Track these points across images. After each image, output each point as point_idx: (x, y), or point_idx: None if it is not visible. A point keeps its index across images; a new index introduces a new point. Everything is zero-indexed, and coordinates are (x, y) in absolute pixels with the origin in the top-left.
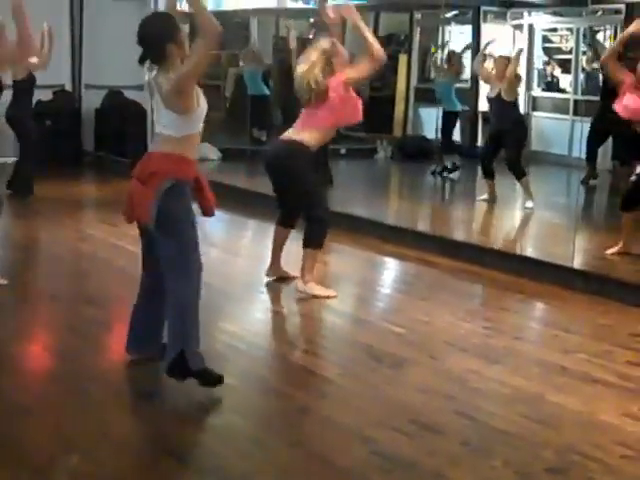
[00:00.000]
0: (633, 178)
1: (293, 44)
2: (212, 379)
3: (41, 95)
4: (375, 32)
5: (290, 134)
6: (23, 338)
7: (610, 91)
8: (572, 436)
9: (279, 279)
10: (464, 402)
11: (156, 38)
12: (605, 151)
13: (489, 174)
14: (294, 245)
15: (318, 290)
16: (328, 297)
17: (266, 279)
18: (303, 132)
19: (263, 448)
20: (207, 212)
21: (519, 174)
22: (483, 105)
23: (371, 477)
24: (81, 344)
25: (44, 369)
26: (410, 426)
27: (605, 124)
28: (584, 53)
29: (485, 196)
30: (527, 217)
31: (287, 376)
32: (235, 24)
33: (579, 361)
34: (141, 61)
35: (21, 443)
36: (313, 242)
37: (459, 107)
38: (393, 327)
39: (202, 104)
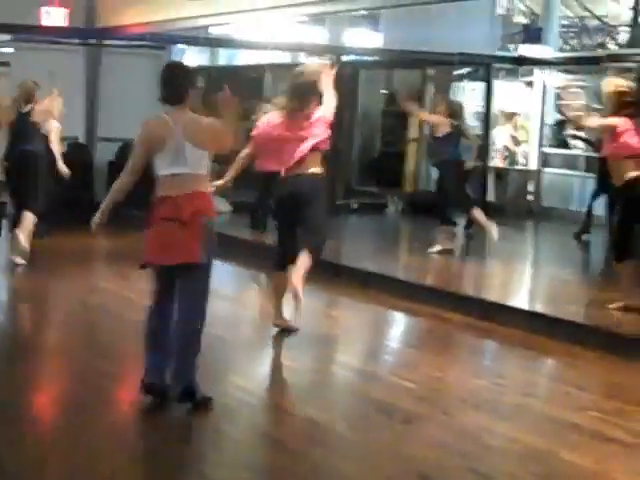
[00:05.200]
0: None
1: None
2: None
3: None
4: (388, 87)
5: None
6: (34, 390)
7: None
8: None
9: (285, 329)
10: (475, 459)
11: (178, 82)
12: None
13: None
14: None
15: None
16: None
17: (274, 330)
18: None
19: None
20: None
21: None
22: None
23: None
24: (92, 397)
25: (55, 421)
26: None
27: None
28: (595, 110)
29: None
30: (537, 273)
31: (296, 431)
32: (249, 78)
33: (591, 419)
34: (162, 101)
35: None
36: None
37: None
38: (404, 382)
39: None
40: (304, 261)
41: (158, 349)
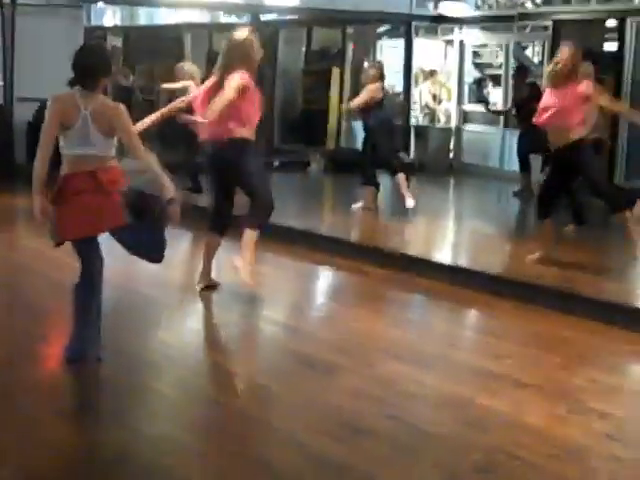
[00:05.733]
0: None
1: None
2: None
3: None
4: (308, 46)
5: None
6: None
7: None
8: (499, 437)
9: (210, 287)
10: (396, 406)
11: (93, 70)
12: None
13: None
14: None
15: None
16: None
17: (198, 288)
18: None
19: (202, 456)
20: None
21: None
22: None
23: None
24: (18, 356)
25: None
26: (343, 430)
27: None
28: (513, 68)
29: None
30: (457, 227)
31: (224, 386)
32: (169, 39)
33: (509, 366)
34: (72, 85)
35: None
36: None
37: None
38: (328, 335)
39: None
40: (249, 237)
41: (88, 322)
